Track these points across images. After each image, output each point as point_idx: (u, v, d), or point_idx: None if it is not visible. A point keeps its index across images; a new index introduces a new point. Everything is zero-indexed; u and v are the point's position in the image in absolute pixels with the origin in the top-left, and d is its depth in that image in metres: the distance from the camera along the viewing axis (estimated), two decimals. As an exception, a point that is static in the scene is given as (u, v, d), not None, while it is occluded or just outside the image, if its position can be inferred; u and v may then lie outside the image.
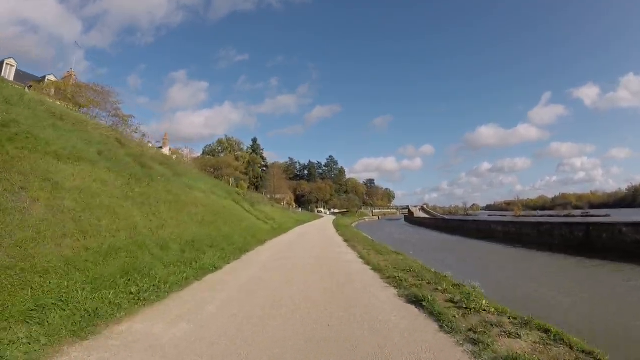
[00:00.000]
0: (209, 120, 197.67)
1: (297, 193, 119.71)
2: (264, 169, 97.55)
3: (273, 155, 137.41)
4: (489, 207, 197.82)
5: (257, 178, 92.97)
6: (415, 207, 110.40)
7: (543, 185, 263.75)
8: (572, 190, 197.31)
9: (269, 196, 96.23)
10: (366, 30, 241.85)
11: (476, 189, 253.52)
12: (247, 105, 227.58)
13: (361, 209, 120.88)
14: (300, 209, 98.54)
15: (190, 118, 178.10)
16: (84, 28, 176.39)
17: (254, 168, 78.06)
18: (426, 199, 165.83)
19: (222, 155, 64.35)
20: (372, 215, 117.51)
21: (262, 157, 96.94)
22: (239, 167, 62.37)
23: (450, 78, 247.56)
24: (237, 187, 60.81)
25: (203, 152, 70.98)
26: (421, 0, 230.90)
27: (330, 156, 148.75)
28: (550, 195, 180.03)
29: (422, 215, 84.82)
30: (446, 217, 69.06)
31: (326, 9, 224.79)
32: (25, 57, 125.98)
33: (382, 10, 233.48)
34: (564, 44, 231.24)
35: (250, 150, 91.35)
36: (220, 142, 72.31)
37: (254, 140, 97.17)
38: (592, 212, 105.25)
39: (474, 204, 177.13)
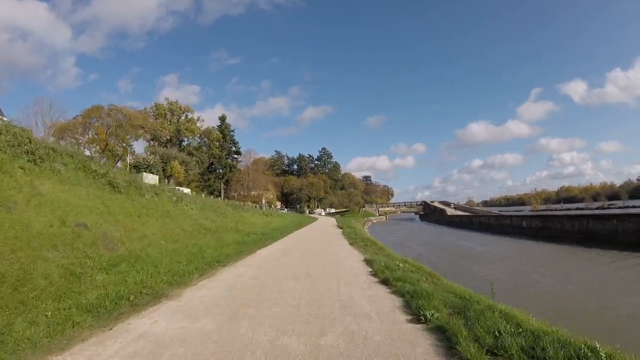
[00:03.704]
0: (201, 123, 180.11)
1: (285, 190, 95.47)
2: (236, 157, 72.72)
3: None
4: (485, 203, 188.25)
5: (225, 167, 68.18)
6: (433, 202, 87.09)
7: (534, 180, 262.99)
8: (561, 184, 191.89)
9: (242, 193, 71.80)
10: (357, 32, 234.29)
11: (468, 185, 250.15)
12: (239, 107, 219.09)
13: (364, 207, 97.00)
14: (286, 210, 74.27)
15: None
16: (73, 34, 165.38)
17: (212, 148, 53.05)
18: (419, 197, 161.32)
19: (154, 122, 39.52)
20: (379, 215, 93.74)
21: (234, 142, 72.00)
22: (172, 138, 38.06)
23: (440, 75, 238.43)
24: (169, 170, 36.17)
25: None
26: (412, 4, 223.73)
27: (323, 148, 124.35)
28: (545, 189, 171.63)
29: (459, 212, 61.79)
30: (513, 214, 44.44)
31: (317, 12, 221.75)
32: (15, 64, 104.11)
33: (373, 13, 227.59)
34: (551, 40, 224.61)
35: (219, 134, 66.50)
36: (157, 107, 47.26)
37: (222, 119, 71.99)
38: (631, 203, 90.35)
39: (469, 200, 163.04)
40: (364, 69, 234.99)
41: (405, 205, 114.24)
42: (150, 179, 31.35)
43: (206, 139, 52.68)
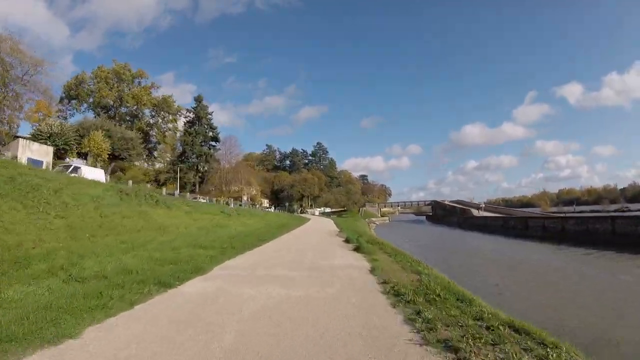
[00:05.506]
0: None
1: (275, 187, 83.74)
2: (213, 144, 60.62)
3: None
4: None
5: (199, 156, 56.05)
6: (444, 201, 76.09)
7: (529, 182, 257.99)
8: (557, 186, 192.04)
9: (220, 188, 59.74)
10: (353, 32, 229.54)
11: (463, 187, 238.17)
12: (235, 105, 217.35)
13: (364, 206, 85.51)
14: (272, 208, 62.42)
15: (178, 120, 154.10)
16: (71, 31, 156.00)
17: (172, 121, 40.67)
18: (413, 197, 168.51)
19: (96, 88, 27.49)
20: (381, 216, 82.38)
21: (211, 126, 59.87)
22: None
23: (439, 73, 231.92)
24: (86, 143, 24.14)
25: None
26: (408, 4, 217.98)
27: (318, 143, 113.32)
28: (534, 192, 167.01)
29: (487, 214, 50.66)
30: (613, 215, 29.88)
31: (314, 12, 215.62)
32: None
33: (369, 13, 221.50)
34: (548, 43, 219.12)
35: (177, 106, 54.21)
36: (100, 70, 34.79)
37: (198, 100, 59.78)
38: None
39: (470, 200, 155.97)
40: (362, 66, 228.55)
41: (401, 206, 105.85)
42: (35, 150, 19.47)
43: (162, 112, 40.18)
